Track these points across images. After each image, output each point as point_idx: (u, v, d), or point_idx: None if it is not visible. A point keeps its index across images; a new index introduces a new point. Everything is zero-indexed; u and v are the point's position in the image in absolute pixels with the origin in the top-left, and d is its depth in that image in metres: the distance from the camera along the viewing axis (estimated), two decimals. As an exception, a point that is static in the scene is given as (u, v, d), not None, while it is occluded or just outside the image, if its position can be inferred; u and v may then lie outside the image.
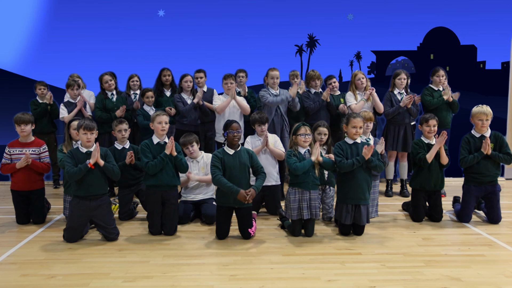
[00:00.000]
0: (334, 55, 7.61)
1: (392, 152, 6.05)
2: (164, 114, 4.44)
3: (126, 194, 4.94)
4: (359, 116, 4.38)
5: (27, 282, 3.31)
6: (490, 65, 7.60)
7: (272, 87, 5.82)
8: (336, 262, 3.67)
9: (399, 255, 3.84)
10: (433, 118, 4.84)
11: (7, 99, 7.18)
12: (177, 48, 7.47)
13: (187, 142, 4.99)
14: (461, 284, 3.26)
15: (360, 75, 5.99)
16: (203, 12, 7.50)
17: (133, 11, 7.43)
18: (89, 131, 4.12)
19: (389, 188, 6.11)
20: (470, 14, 7.52)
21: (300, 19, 7.59)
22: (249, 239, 4.24)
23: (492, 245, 4.12)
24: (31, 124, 4.81)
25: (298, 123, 4.36)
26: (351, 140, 4.39)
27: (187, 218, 4.76)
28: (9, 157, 4.75)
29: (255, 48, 7.58)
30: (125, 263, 3.64)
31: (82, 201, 4.12)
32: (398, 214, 5.18)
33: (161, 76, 6.30)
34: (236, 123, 4.31)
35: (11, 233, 4.50)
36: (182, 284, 3.25)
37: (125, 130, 4.94)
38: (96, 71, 6.45)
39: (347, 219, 4.29)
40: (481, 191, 4.77)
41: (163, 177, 4.32)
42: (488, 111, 4.71)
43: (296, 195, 4.24)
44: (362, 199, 4.29)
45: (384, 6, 7.58)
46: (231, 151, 4.26)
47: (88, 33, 7.37)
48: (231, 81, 5.72)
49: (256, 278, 3.34)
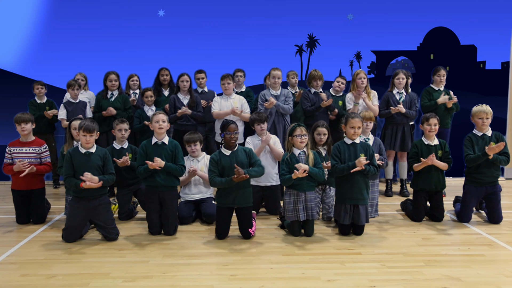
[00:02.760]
0: (334, 55, 7.61)
1: (391, 151, 6.05)
2: (161, 113, 4.43)
3: (125, 194, 4.94)
4: (358, 116, 4.38)
5: (27, 282, 3.31)
6: (490, 65, 7.60)
7: (273, 87, 5.82)
8: (336, 262, 3.67)
9: (399, 255, 3.84)
10: (434, 117, 4.85)
11: (7, 99, 7.18)
12: (177, 48, 7.47)
13: (191, 140, 5.00)
14: (461, 284, 3.26)
15: (362, 74, 5.99)
16: (203, 12, 7.50)
17: (133, 11, 7.43)
18: (89, 133, 4.11)
19: (389, 188, 6.11)
20: (470, 14, 7.52)
21: (300, 19, 7.59)
22: (249, 239, 4.24)
23: (492, 245, 4.12)
24: (31, 123, 4.80)
25: (294, 124, 4.36)
26: (350, 140, 4.38)
27: (189, 218, 4.75)
28: (10, 156, 4.74)
29: (255, 48, 7.58)
30: (125, 263, 3.64)
31: (81, 201, 4.12)
32: (398, 214, 5.18)
33: (159, 76, 6.30)
34: (234, 124, 4.30)
35: (11, 233, 4.50)
36: (182, 284, 3.25)
37: (125, 129, 4.94)
38: (96, 71, 6.45)
39: (345, 219, 4.29)
40: (482, 192, 4.77)
41: (160, 178, 4.31)
42: (488, 109, 4.71)
43: (291, 197, 4.24)
44: (360, 199, 4.29)
45: (384, 6, 7.58)
46: (228, 152, 4.26)
47: (88, 33, 7.38)
48: (228, 81, 5.73)
49: (256, 278, 3.35)
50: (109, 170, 4.25)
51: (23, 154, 4.73)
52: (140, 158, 4.37)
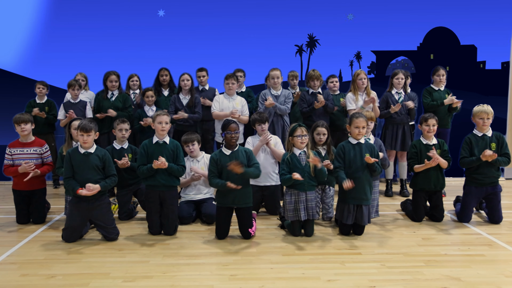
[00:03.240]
0: (334, 55, 7.61)
1: (391, 151, 6.05)
2: (165, 114, 4.41)
3: (124, 194, 4.94)
4: (362, 116, 4.37)
5: (27, 282, 3.31)
6: (490, 65, 7.61)
7: (273, 87, 5.81)
8: (336, 262, 3.67)
9: (399, 255, 3.84)
10: (433, 118, 4.84)
11: (7, 99, 7.18)
12: (177, 48, 7.48)
13: (189, 141, 5.00)
14: (461, 284, 3.26)
15: (362, 74, 5.98)
16: (203, 12, 7.51)
17: (133, 11, 7.44)
18: (86, 132, 4.09)
19: (389, 188, 6.11)
20: (470, 14, 7.53)
21: (300, 19, 7.59)
22: (249, 239, 4.24)
23: (492, 245, 4.11)
24: (30, 123, 4.78)
25: (294, 124, 4.35)
26: (355, 140, 4.38)
27: (190, 218, 4.75)
28: (11, 157, 4.73)
29: (255, 48, 7.59)
30: (125, 263, 3.64)
31: (81, 201, 4.11)
32: (398, 214, 5.18)
33: (159, 76, 6.30)
34: (235, 124, 4.30)
35: (11, 233, 4.50)
36: (182, 284, 3.25)
37: (125, 129, 4.93)
38: (96, 71, 6.45)
39: (348, 219, 4.29)
40: (482, 192, 4.76)
41: (160, 177, 4.30)
42: (489, 110, 4.71)
43: (292, 197, 4.24)
44: (364, 199, 4.28)
45: (384, 6, 7.58)
46: (228, 151, 4.26)
47: (88, 33, 7.38)
48: (232, 81, 5.72)
49: (256, 278, 3.35)
50: (111, 172, 4.24)
51: (25, 155, 4.71)
52: (141, 158, 4.36)
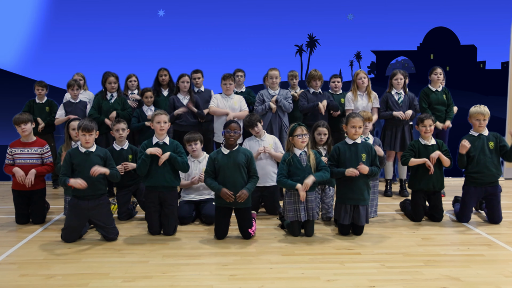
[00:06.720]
0: (334, 55, 7.60)
1: (391, 152, 6.05)
2: (163, 113, 4.41)
3: (124, 194, 4.94)
4: (358, 116, 4.37)
5: (26, 282, 3.31)
6: (490, 65, 7.60)
7: (272, 87, 5.82)
8: (336, 262, 3.67)
9: (399, 255, 3.84)
10: (429, 118, 4.84)
11: (7, 99, 7.18)
12: (177, 48, 7.47)
13: (191, 140, 4.99)
14: (460, 284, 3.26)
15: (361, 74, 5.99)
16: (203, 12, 7.50)
17: (133, 11, 7.42)
18: (88, 132, 4.10)
19: (389, 188, 6.11)
20: (470, 14, 7.52)
21: (300, 19, 7.58)
22: (249, 239, 4.24)
23: (492, 245, 4.12)
24: (30, 122, 4.79)
25: (294, 124, 4.33)
26: (351, 140, 4.38)
27: (189, 218, 4.75)
28: (11, 157, 4.74)
29: (255, 48, 7.58)
30: (124, 263, 3.64)
31: (80, 201, 4.12)
32: (397, 214, 5.18)
33: (158, 76, 6.30)
34: (236, 124, 4.31)
35: (10, 233, 4.50)
36: (182, 284, 3.25)
37: (122, 129, 4.93)
38: (96, 71, 6.44)
39: (345, 219, 4.29)
40: (481, 192, 4.76)
41: (160, 178, 4.30)
42: (485, 111, 4.71)
43: (292, 197, 4.24)
44: (361, 200, 4.29)
45: (384, 6, 7.57)
46: (227, 150, 4.26)
47: (88, 33, 7.37)
48: (230, 81, 5.72)
49: (255, 278, 3.35)
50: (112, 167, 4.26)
51: (25, 155, 4.73)
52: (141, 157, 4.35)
